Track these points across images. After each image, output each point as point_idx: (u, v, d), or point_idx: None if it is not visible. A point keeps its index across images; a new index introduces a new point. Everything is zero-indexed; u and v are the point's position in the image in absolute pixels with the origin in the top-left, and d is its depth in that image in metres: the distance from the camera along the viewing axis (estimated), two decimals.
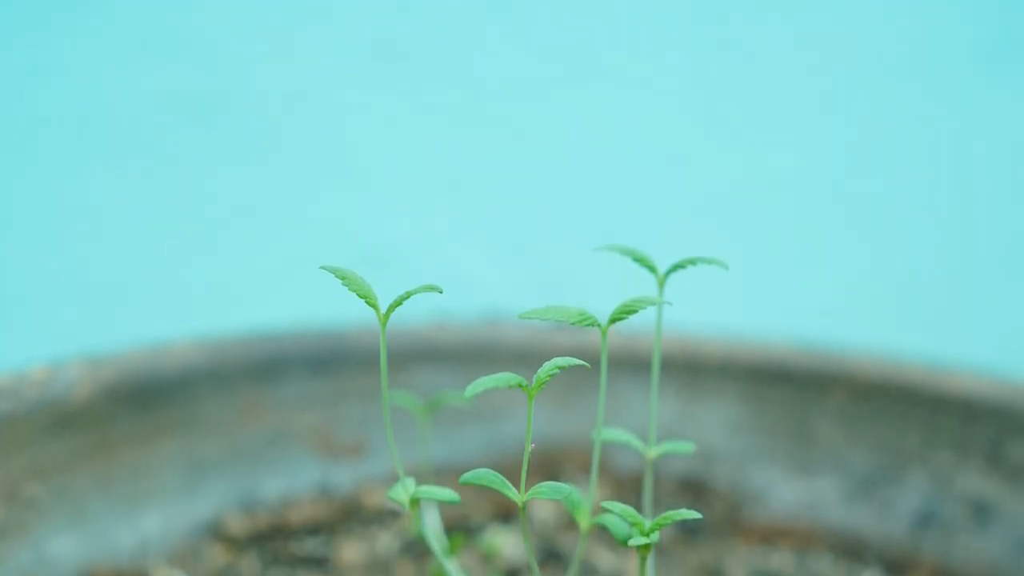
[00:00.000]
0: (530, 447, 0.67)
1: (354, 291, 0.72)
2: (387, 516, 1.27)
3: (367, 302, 0.72)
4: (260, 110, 1.64)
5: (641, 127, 1.70)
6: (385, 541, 1.22)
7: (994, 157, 1.71)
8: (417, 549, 1.21)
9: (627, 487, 1.34)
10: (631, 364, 1.35)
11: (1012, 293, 1.71)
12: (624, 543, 0.77)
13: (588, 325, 0.71)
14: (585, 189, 1.72)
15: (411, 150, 1.69)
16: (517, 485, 0.71)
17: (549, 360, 0.68)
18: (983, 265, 1.72)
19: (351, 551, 1.20)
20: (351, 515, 1.27)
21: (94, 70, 1.60)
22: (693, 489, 1.35)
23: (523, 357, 1.36)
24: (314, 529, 1.24)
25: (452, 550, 1.10)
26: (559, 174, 1.72)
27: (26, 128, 1.59)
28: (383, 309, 0.72)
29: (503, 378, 0.67)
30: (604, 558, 1.20)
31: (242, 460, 1.27)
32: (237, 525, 1.21)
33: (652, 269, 0.80)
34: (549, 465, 1.36)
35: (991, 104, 1.70)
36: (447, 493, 0.75)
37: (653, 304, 0.73)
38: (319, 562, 1.19)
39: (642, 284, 0.90)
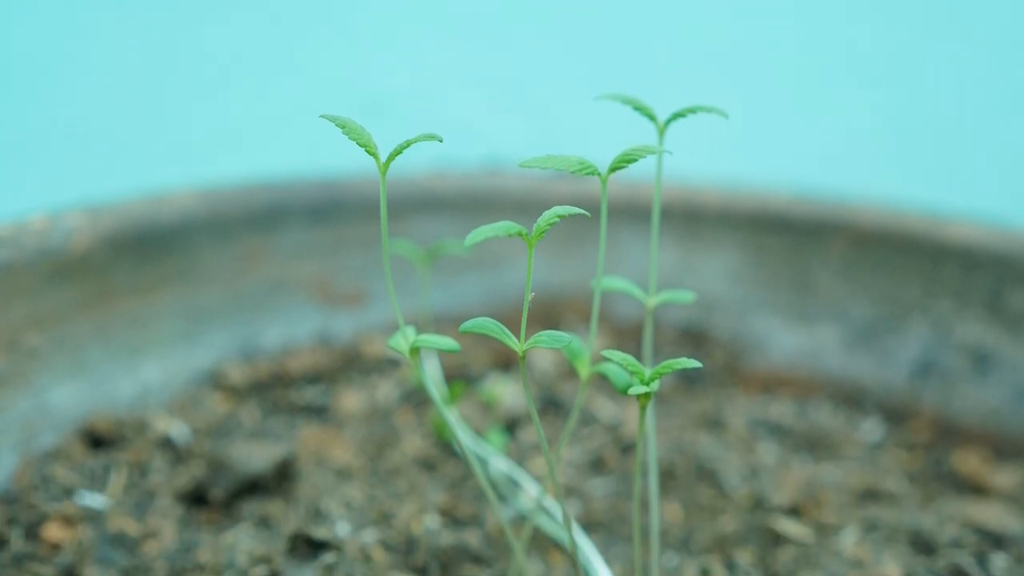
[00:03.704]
0: (530, 296, 0.67)
1: (354, 140, 0.71)
2: (387, 365, 1.27)
3: (367, 151, 0.71)
4: None
5: None
6: (385, 390, 1.23)
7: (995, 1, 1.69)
8: (417, 398, 1.22)
9: (627, 336, 1.34)
10: (631, 213, 1.35)
11: (1012, 141, 1.70)
12: (624, 392, 0.77)
13: (588, 174, 0.70)
14: (585, 38, 1.70)
15: None
16: (517, 334, 0.71)
17: (549, 209, 0.68)
18: (983, 112, 1.71)
19: (351, 400, 1.20)
20: (351, 364, 1.27)
21: None
22: (693, 338, 1.35)
23: (523, 206, 1.35)
24: (314, 378, 1.24)
25: (452, 399, 1.10)
26: (560, 22, 1.70)
27: None
28: (383, 158, 0.71)
29: (503, 227, 0.66)
30: (604, 407, 1.21)
31: (242, 309, 1.27)
32: (237, 374, 1.22)
33: (652, 118, 0.79)
34: (549, 314, 1.36)
35: None
36: (447, 342, 0.75)
37: (653, 153, 0.72)
38: (319, 411, 1.20)
39: (642, 133, 0.90)
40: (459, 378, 1.24)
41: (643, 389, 0.70)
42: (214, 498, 1.02)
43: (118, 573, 0.93)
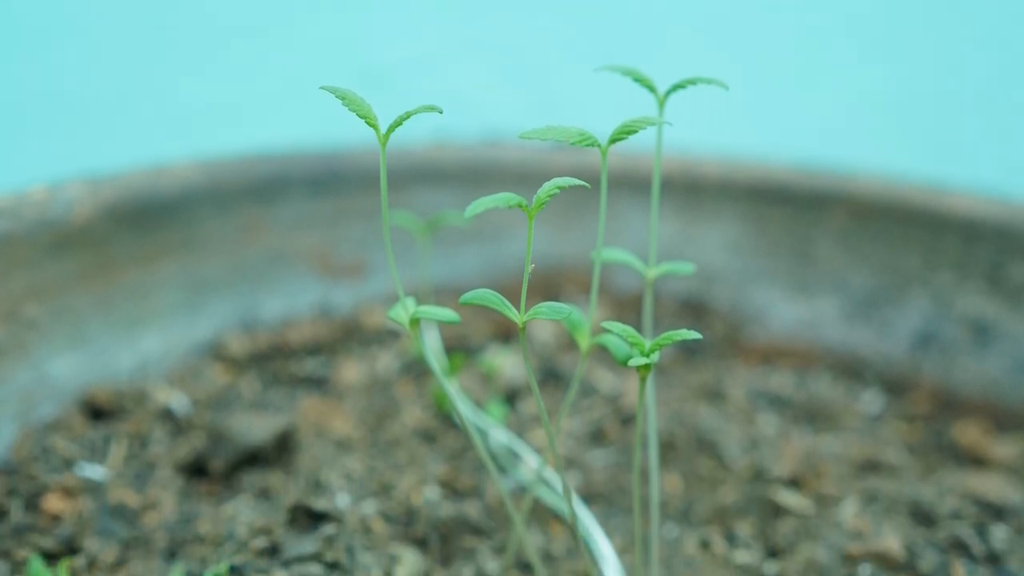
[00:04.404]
0: (530, 267, 0.67)
1: (354, 111, 0.71)
2: (387, 336, 1.28)
3: (367, 122, 0.71)
4: None
5: None
6: (385, 361, 1.23)
7: None
8: (417, 369, 1.22)
9: (627, 308, 1.34)
10: (631, 184, 1.35)
11: (1013, 112, 1.70)
12: (624, 363, 0.77)
13: (588, 145, 0.70)
14: (585, 9, 1.70)
15: None
16: (517, 305, 0.71)
17: (549, 180, 0.68)
18: (984, 84, 1.70)
19: (351, 371, 1.20)
20: (351, 335, 1.27)
21: None
22: (693, 310, 1.35)
23: (523, 177, 1.35)
24: (314, 349, 1.25)
25: (452, 370, 1.10)
26: None
27: None
28: (383, 129, 0.71)
29: (503, 198, 0.66)
30: (604, 378, 1.21)
31: (242, 280, 1.27)
32: (237, 345, 1.22)
33: (652, 89, 0.79)
34: (549, 285, 1.36)
35: None
36: (447, 313, 0.75)
37: (653, 124, 0.72)
38: (318, 382, 1.20)
39: (642, 105, 0.90)
40: (459, 349, 1.24)
41: (643, 360, 0.70)
42: (214, 469, 1.02)
43: (118, 544, 0.93)
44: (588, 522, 0.93)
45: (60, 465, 1.00)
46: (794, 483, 1.05)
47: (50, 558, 0.92)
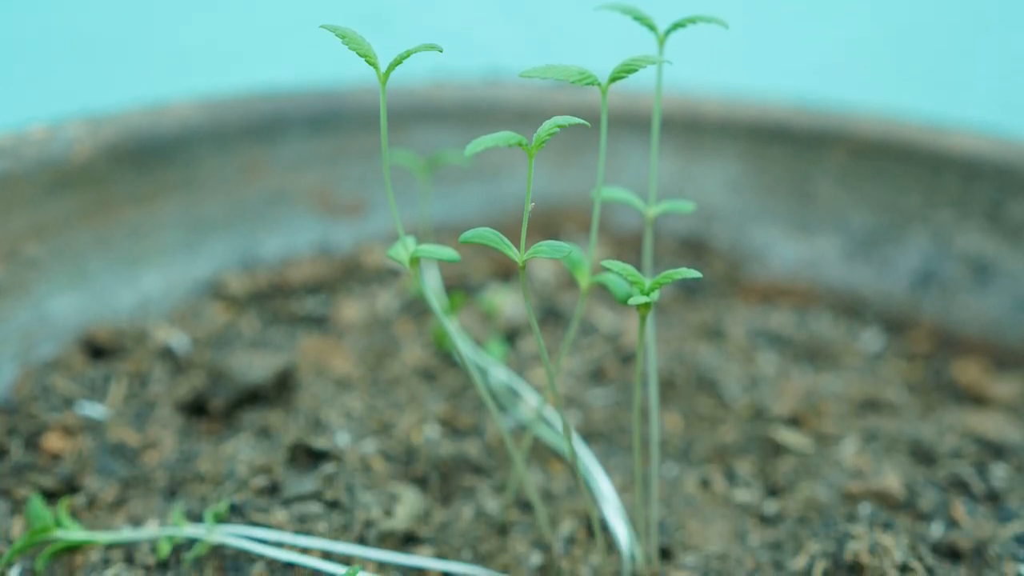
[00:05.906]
0: (530, 206, 0.66)
1: (354, 50, 0.71)
2: (387, 275, 1.27)
3: (367, 61, 0.71)
4: None
5: None
6: (385, 300, 1.23)
7: None
8: (417, 308, 1.22)
9: (627, 246, 1.34)
10: (631, 123, 1.34)
11: (1014, 50, 1.69)
12: (624, 302, 0.77)
13: (588, 84, 0.70)
14: None
15: None
16: (517, 244, 0.71)
17: (549, 119, 0.68)
18: (985, 21, 1.70)
19: (351, 310, 1.20)
20: (351, 274, 1.27)
21: None
22: (693, 248, 1.35)
23: (523, 116, 1.35)
24: (314, 288, 1.24)
25: (452, 309, 1.10)
26: None
27: None
28: (383, 68, 0.71)
29: (503, 137, 0.66)
30: (604, 317, 1.21)
31: (242, 219, 1.27)
32: (237, 284, 1.22)
33: (652, 28, 0.79)
34: (549, 224, 1.36)
35: None
36: (447, 252, 0.75)
37: (653, 63, 0.72)
38: (319, 321, 1.20)
39: (642, 43, 0.89)
40: (459, 288, 1.24)
41: (643, 299, 0.70)
42: (214, 408, 1.02)
43: (118, 483, 0.94)
44: (588, 461, 0.94)
45: (60, 404, 1.01)
46: (794, 422, 1.05)
47: (50, 496, 0.92)
